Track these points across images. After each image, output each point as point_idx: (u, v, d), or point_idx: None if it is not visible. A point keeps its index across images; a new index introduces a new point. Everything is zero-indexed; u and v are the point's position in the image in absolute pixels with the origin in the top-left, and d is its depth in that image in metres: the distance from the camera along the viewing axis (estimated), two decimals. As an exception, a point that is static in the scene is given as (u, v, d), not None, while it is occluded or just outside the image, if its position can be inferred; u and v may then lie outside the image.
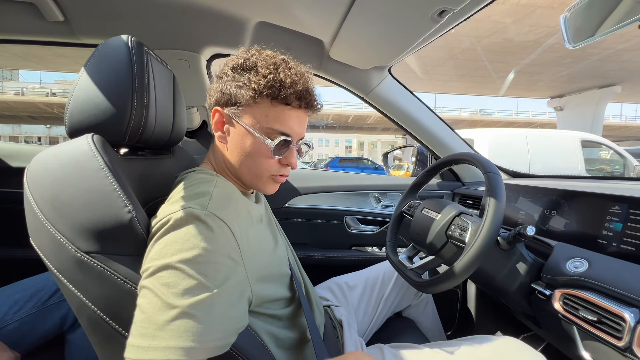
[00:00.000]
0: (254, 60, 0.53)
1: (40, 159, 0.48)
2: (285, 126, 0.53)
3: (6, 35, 1.02)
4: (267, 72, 0.51)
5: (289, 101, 0.52)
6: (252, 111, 0.52)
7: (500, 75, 12.84)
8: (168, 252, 0.41)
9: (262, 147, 0.53)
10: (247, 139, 0.54)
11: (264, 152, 0.54)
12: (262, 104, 0.52)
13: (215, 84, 0.56)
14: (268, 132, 0.53)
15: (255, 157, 0.54)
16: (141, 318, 0.38)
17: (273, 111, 0.52)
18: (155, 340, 0.36)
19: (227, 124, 0.55)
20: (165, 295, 0.38)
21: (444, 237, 0.75)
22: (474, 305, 1.23)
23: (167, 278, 0.39)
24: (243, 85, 0.51)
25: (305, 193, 1.35)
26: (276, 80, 0.50)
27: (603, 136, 5.52)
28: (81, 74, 0.53)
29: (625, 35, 8.16)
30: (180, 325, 0.37)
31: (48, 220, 0.45)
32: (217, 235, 0.44)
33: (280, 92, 0.51)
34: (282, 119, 0.53)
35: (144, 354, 0.36)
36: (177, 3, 0.92)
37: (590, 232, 0.71)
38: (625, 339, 0.50)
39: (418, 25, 0.80)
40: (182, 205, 0.45)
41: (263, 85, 0.50)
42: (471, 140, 4.44)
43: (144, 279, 0.41)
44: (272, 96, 0.51)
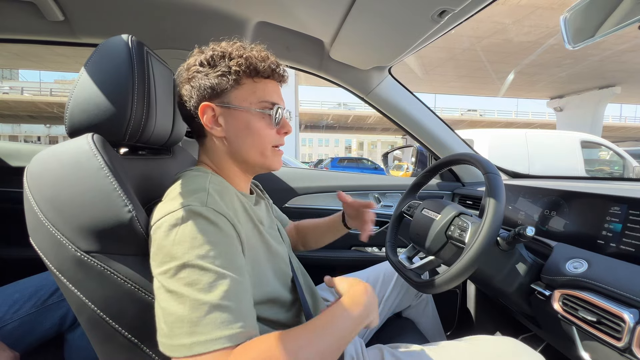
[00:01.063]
0: (221, 50, 0.55)
1: (40, 159, 0.48)
2: (273, 97, 0.57)
3: (6, 35, 1.02)
4: (242, 53, 0.54)
5: (267, 74, 0.56)
6: (239, 93, 0.55)
7: (500, 76, 12.85)
8: (179, 251, 0.41)
9: (263, 121, 0.56)
10: (247, 120, 0.55)
11: (265, 126, 0.56)
12: (246, 83, 0.55)
13: (186, 88, 0.55)
14: (261, 106, 0.56)
15: (258, 132, 0.56)
16: (173, 319, 0.39)
17: (258, 87, 0.56)
18: (195, 336, 0.38)
19: (220, 116, 0.55)
20: (192, 294, 0.39)
21: (443, 237, 0.75)
22: (473, 305, 1.23)
23: (188, 277, 0.40)
24: (223, 72, 0.53)
25: (305, 193, 1.35)
26: (252, 58, 0.54)
27: (602, 137, 5.53)
28: (81, 73, 0.53)
29: (625, 36, 8.17)
30: (216, 318, 0.39)
31: (48, 220, 0.45)
32: (220, 227, 0.45)
33: (259, 67, 0.54)
34: (268, 92, 0.57)
35: (189, 350, 0.37)
36: (177, 3, 0.92)
37: (589, 233, 0.71)
38: (625, 339, 0.50)
39: (418, 26, 0.80)
40: (180, 202, 0.45)
41: (244, 65, 0.53)
42: (471, 141, 4.42)
43: (163, 283, 0.41)
44: (254, 73, 0.55)
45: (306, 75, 1.27)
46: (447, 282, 0.65)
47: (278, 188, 1.32)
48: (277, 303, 0.58)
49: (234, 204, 0.52)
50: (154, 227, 0.44)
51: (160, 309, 0.41)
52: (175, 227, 0.43)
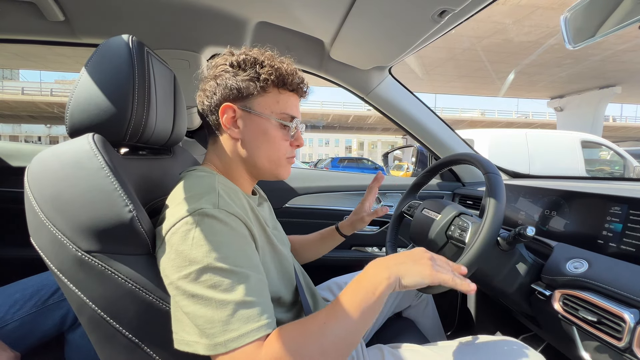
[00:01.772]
0: (253, 56, 0.56)
1: (41, 159, 0.48)
2: (293, 110, 0.59)
3: (7, 35, 1.02)
4: (273, 64, 0.55)
5: (293, 88, 0.58)
6: (263, 100, 0.56)
7: (500, 76, 12.85)
8: (198, 255, 0.42)
9: (280, 132, 0.58)
10: (265, 127, 0.56)
11: (281, 137, 0.58)
12: (272, 92, 0.56)
13: (210, 84, 0.56)
14: (281, 117, 0.57)
15: (274, 142, 0.57)
16: (202, 321, 0.40)
17: (282, 98, 0.57)
18: (228, 333, 0.40)
19: (240, 118, 0.56)
20: (217, 295, 0.41)
21: (444, 237, 0.75)
22: (473, 305, 1.23)
23: (210, 280, 0.41)
24: (252, 78, 0.55)
25: (305, 193, 1.35)
26: (282, 70, 0.56)
27: (603, 137, 5.53)
28: (82, 73, 0.53)
29: (626, 36, 8.17)
30: (243, 314, 0.41)
31: (49, 220, 0.45)
32: (234, 228, 0.46)
33: (287, 80, 0.56)
34: (290, 104, 0.58)
35: (224, 347, 0.39)
36: (177, 3, 0.92)
37: (590, 233, 0.71)
38: (625, 339, 0.50)
39: (418, 26, 0.80)
40: (192, 206, 0.45)
41: (274, 75, 0.55)
42: (471, 141, 4.41)
43: (185, 287, 0.41)
44: (281, 84, 0.57)
45: (306, 75, 1.27)
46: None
47: (278, 188, 1.33)
48: (279, 303, 0.58)
49: (243, 204, 0.52)
50: (170, 233, 0.44)
51: (184, 314, 0.42)
52: (190, 231, 0.43)
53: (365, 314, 0.44)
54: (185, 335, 0.41)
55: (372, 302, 0.45)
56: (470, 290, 0.49)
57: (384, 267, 0.48)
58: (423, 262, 0.50)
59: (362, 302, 0.45)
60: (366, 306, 0.44)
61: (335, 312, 0.44)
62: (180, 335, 0.42)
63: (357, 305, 0.44)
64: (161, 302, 0.46)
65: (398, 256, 0.51)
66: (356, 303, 0.44)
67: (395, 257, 0.51)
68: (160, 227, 0.47)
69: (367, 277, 0.48)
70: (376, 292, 0.45)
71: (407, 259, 0.50)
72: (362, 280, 0.47)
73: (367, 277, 0.48)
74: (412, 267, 0.49)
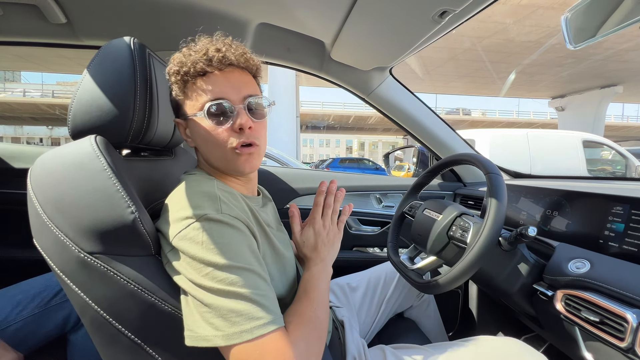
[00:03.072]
0: (172, 63, 0.53)
1: (44, 161, 0.48)
2: (213, 92, 0.51)
3: (9, 37, 1.03)
4: (173, 61, 0.52)
5: (202, 70, 0.51)
6: (190, 103, 0.53)
7: (501, 76, 12.83)
8: (211, 258, 0.43)
9: (206, 123, 0.52)
10: (197, 128, 0.53)
11: (212, 128, 0.52)
12: (189, 90, 0.53)
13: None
14: (201, 107, 0.51)
15: (210, 138, 0.52)
16: (226, 311, 0.42)
17: (198, 88, 0.52)
18: (254, 321, 0.42)
19: (187, 128, 0.56)
20: (237, 290, 0.43)
21: (445, 237, 0.75)
22: (475, 306, 1.23)
23: (227, 278, 0.43)
24: (171, 87, 0.55)
25: (306, 194, 1.35)
26: (184, 66, 0.51)
27: (605, 136, 5.51)
28: (84, 75, 0.53)
29: (627, 35, 8.14)
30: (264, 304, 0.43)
31: (51, 221, 0.45)
32: (239, 229, 0.48)
33: (187, 69, 0.50)
34: (206, 89, 0.51)
35: (250, 334, 0.41)
36: (179, 5, 0.92)
37: (592, 233, 0.70)
38: (628, 339, 0.49)
39: (419, 27, 0.80)
40: (196, 212, 0.46)
41: (179, 77, 0.51)
42: (472, 141, 4.40)
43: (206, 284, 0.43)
44: (192, 78, 0.51)
45: (307, 76, 1.27)
46: (448, 282, 0.65)
47: (279, 189, 1.33)
48: (281, 304, 0.57)
49: (243, 207, 0.52)
50: (177, 239, 0.45)
51: (202, 309, 0.42)
52: (198, 236, 0.44)
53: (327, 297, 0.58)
54: (201, 331, 0.42)
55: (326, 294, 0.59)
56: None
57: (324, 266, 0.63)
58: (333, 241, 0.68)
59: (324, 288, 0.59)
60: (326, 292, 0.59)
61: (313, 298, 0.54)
62: (195, 331, 0.42)
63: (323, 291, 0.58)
64: (163, 303, 0.46)
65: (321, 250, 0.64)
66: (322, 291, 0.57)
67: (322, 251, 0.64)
68: (166, 231, 0.47)
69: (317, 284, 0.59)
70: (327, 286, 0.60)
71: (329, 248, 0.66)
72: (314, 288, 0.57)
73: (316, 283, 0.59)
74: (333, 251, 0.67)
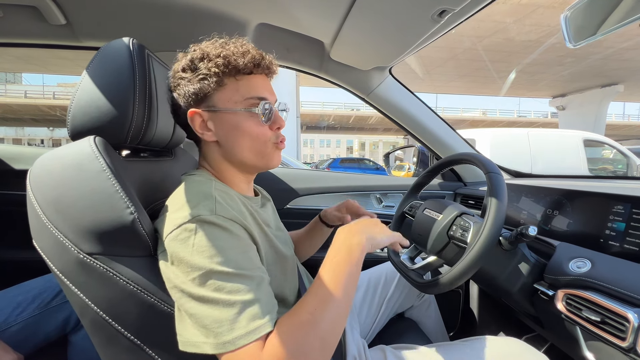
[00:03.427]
0: (200, 52, 0.53)
1: (43, 162, 0.48)
2: (258, 91, 0.54)
3: (9, 39, 1.03)
4: (219, 53, 0.52)
5: (249, 70, 0.53)
6: (223, 95, 0.53)
7: (501, 75, 12.81)
8: (200, 262, 0.42)
9: (251, 120, 0.54)
10: (235, 121, 0.53)
11: (254, 124, 0.54)
12: (229, 83, 0.53)
13: (174, 94, 0.55)
14: (247, 104, 0.53)
15: (250, 132, 0.54)
16: (210, 321, 0.41)
17: (241, 85, 0.53)
18: (236, 331, 0.40)
19: (209, 120, 0.54)
20: (222, 297, 0.41)
21: (445, 237, 0.75)
22: (476, 305, 1.23)
23: (214, 284, 0.42)
24: (204, 75, 0.51)
25: (307, 194, 1.35)
26: (230, 56, 0.51)
27: (606, 135, 5.50)
28: (83, 76, 0.53)
29: (627, 33, 8.13)
30: (249, 312, 0.42)
31: (51, 222, 0.45)
32: (233, 232, 0.46)
33: (239, 65, 0.52)
34: (253, 87, 0.54)
35: (232, 345, 0.40)
36: (178, 5, 0.92)
37: (593, 232, 0.70)
38: (629, 339, 0.49)
39: (418, 26, 0.80)
40: (190, 212, 0.45)
41: (222, 66, 0.51)
42: (473, 140, 4.39)
43: (191, 291, 0.42)
44: (234, 72, 0.52)
45: (307, 76, 1.27)
46: (449, 282, 0.65)
47: (279, 189, 1.33)
48: (283, 304, 0.58)
49: (241, 208, 0.52)
50: (169, 239, 0.44)
51: (189, 315, 0.42)
52: (190, 238, 0.43)
53: (349, 286, 0.47)
54: (191, 336, 0.42)
55: (352, 272, 0.48)
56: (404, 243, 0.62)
57: (353, 234, 0.53)
58: (380, 225, 0.58)
59: (343, 276, 0.47)
60: (348, 278, 0.47)
61: (322, 295, 0.45)
62: (185, 337, 0.42)
63: (339, 281, 0.46)
64: (163, 304, 0.46)
65: (357, 224, 0.56)
66: (338, 279, 0.46)
67: (355, 224, 0.55)
68: (161, 231, 0.47)
69: (340, 250, 0.50)
70: (353, 260, 0.49)
71: (366, 224, 0.56)
72: (337, 254, 0.50)
73: (339, 250, 0.50)
74: (374, 228, 0.56)
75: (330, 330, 0.43)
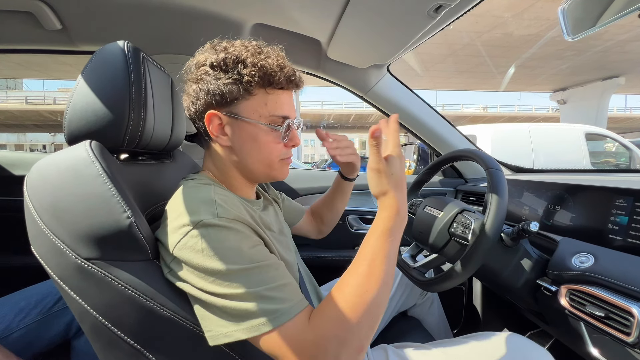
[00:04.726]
0: (235, 53, 0.50)
1: (39, 167, 0.48)
2: (284, 110, 0.54)
3: (5, 45, 1.03)
4: (256, 62, 0.50)
5: (282, 85, 0.53)
6: (249, 104, 0.52)
7: (501, 71, 12.75)
8: (214, 265, 0.42)
9: (271, 135, 0.54)
10: (254, 132, 0.53)
11: (272, 140, 0.54)
12: (258, 94, 0.51)
13: (193, 88, 0.52)
14: (271, 120, 0.53)
15: (265, 146, 0.54)
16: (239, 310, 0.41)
17: (270, 99, 0.52)
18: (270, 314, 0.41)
19: (227, 125, 0.52)
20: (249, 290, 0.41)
21: (446, 234, 0.74)
22: (480, 302, 1.22)
23: (235, 282, 0.42)
24: (235, 80, 0.50)
25: (307, 194, 1.34)
26: (267, 67, 0.50)
27: (608, 128, 5.47)
28: (79, 81, 0.53)
29: (627, 25, 8.07)
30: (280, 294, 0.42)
31: (48, 228, 0.45)
32: (238, 230, 0.46)
33: (274, 78, 0.51)
34: (280, 104, 0.53)
35: (276, 321, 0.40)
36: (173, 8, 0.92)
37: (595, 227, 0.70)
38: (634, 334, 0.49)
39: (414, 22, 0.79)
40: (192, 219, 0.44)
41: (257, 76, 0.50)
42: (473, 136, 4.37)
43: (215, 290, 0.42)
44: (267, 84, 0.51)
45: (306, 76, 1.27)
46: (451, 280, 0.64)
47: (279, 189, 1.32)
48: None
49: (240, 209, 0.51)
50: (177, 249, 0.44)
51: (216, 309, 0.42)
52: (198, 244, 0.43)
53: (392, 265, 0.47)
54: (221, 328, 0.41)
55: (397, 250, 0.49)
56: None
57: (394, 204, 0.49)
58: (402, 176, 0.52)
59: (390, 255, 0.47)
60: (394, 258, 0.48)
61: (371, 277, 0.44)
62: (215, 330, 0.42)
63: (387, 261, 0.46)
64: (162, 309, 0.45)
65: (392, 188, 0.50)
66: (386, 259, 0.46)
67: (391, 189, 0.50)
68: (165, 241, 0.46)
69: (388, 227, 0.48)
70: (398, 236, 0.49)
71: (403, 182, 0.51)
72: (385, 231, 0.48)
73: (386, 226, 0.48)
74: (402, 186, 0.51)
75: (377, 312, 0.44)
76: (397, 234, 0.48)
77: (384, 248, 0.46)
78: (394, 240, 0.48)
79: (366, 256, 0.47)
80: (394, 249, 0.48)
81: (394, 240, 0.48)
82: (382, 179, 0.50)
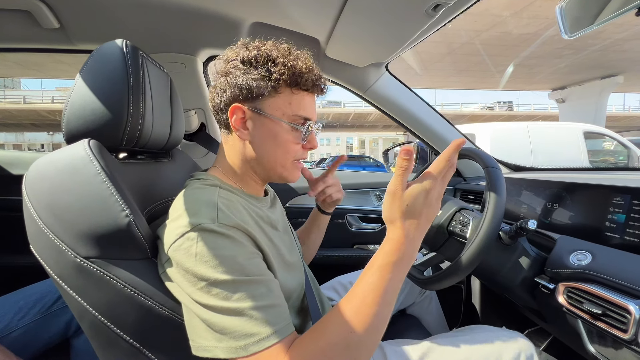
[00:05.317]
0: (267, 52, 0.52)
1: (38, 166, 0.48)
2: (307, 111, 0.55)
3: (3, 44, 1.03)
4: (286, 62, 0.51)
5: (308, 87, 0.54)
6: (274, 101, 0.52)
7: (499, 69, 12.77)
8: (205, 272, 0.42)
9: (291, 135, 0.54)
10: (275, 130, 0.53)
11: (292, 140, 0.54)
12: (284, 93, 0.52)
13: (221, 81, 0.53)
14: (294, 119, 0.54)
15: (284, 145, 0.54)
16: (219, 327, 0.40)
17: (294, 98, 0.53)
18: (247, 338, 0.40)
19: (249, 120, 0.53)
20: (231, 305, 0.41)
21: (445, 233, 0.75)
22: (478, 300, 1.22)
23: (221, 293, 0.41)
24: (262, 77, 0.51)
25: (305, 193, 1.35)
26: (296, 68, 0.51)
27: (606, 127, 5.48)
28: (77, 79, 0.53)
29: (625, 24, 8.08)
30: (262, 317, 0.41)
31: (47, 227, 0.45)
32: (235, 239, 0.45)
33: (301, 79, 0.52)
34: (304, 105, 0.54)
35: (244, 350, 0.39)
36: (171, 7, 0.92)
37: (593, 224, 0.70)
38: (631, 331, 0.49)
39: (413, 21, 0.79)
40: (191, 221, 0.44)
41: (286, 75, 0.51)
42: (472, 135, 4.37)
43: (199, 299, 0.41)
44: (294, 84, 0.52)
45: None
46: (449, 278, 0.65)
47: (279, 188, 1.32)
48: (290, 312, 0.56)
49: (243, 215, 0.50)
50: (172, 249, 0.44)
51: (200, 321, 0.42)
52: (192, 247, 0.43)
53: (389, 305, 0.42)
54: (202, 341, 0.41)
55: (397, 288, 0.43)
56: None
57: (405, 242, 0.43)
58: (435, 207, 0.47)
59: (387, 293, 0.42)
60: (393, 296, 0.43)
61: (358, 316, 0.41)
62: (197, 342, 0.42)
63: (382, 300, 0.41)
64: (160, 307, 0.46)
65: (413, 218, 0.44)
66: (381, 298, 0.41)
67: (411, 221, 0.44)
68: (162, 239, 0.46)
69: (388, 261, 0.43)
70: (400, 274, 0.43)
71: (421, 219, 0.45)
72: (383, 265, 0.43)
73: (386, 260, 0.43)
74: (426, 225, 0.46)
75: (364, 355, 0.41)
76: (399, 270, 0.43)
77: (379, 285, 0.41)
78: (393, 278, 0.42)
79: (356, 293, 0.42)
80: (393, 287, 0.42)
81: (394, 278, 0.42)
82: (394, 206, 0.45)
